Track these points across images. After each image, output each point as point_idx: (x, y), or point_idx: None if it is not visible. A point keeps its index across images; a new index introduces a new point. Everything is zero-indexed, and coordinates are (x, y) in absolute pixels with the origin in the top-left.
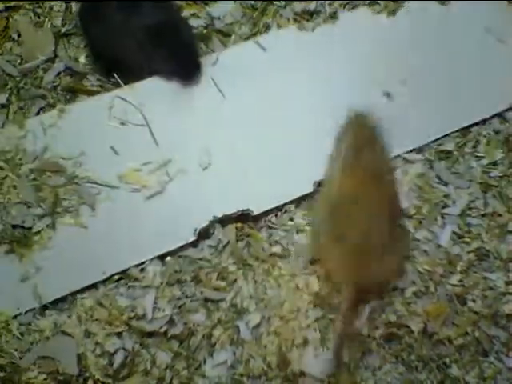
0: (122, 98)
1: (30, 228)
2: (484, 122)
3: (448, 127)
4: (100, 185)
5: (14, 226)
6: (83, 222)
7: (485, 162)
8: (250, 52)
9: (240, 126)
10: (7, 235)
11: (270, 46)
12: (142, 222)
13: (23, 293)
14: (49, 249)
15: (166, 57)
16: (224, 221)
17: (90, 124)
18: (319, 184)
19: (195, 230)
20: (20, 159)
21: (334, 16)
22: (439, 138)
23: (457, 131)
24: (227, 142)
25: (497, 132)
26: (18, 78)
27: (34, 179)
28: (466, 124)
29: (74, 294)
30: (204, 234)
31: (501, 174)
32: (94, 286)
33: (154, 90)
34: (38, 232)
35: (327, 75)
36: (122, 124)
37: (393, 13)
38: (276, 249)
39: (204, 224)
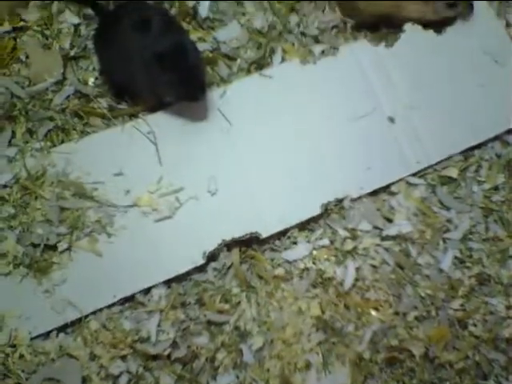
0: (136, 129)
1: (52, 246)
2: (486, 145)
3: (449, 150)
4: (114, 207)
5: (36, 246)
6: (98, 245)
7: (486, 186)
8: (255, 84)
9: (246, 152)
10: (28, 257)
11: (275, 78)
12: (152, 246)
13: (37, 316)
14: (66, 271)
15: (174, 80)
16: (229, 244)
17: (106, 152)
18: (326, 208)
19: (204, 254)
20: (43, 182)
21: (335, 47)
22: (441, 162)
23: (459, 154)
24: (234, 169)
25: (499, 156)
26: (26, 100)
27: (57, 200)
28: (466, 147)
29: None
30: (212, 257)
31: (502, 199)
32: (99, 309)
33: (165, 122)
34: (59, 252)
35: (331, 103)
36: (136, 152)
37: (391, 44)
38: (279, 271)
39: (212, 248)
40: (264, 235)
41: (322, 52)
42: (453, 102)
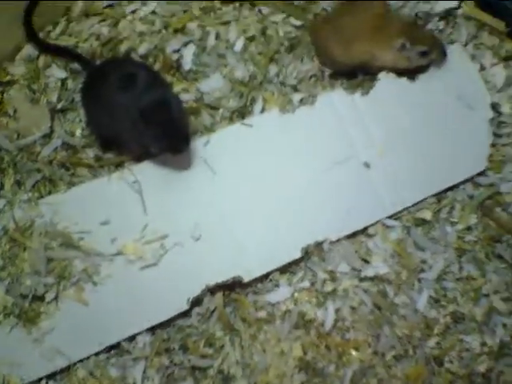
0: (122, 179)
1: (40, 297)
2: (458, 187)
3: (423, 193)
4: (100, 256)
5: (24, 296)
6: (85, 294)
7: (459, 227)
8: (236, 133)
9: (229, 199)
10: (17, 307)
11: (255, 127)
12: (138, 293)
13: (28, 363)
14: (53, 320)
15: (158, 134)
16: (212, 288)
17: (93, 202)
18: (306, 251)
19: (188, 300)
20: (31, 233)
21: (313, 95)
22: (416, 204)
23: (433, 196)
24: (217, 215)
25: (471, 197)
26: (14, 153)
27: (44, 251)
28: (440, 189)
29: None
30: (196, 302)
31: (475, 239)
32: (86, 357)
33: (150, 171)
34: (46, 302)
35: (309, 150)
36: (122, 201)
37: (366, 92)
38: (262, 314)
39: (196, 293)
40: (247, 279)
41: (301, 100)
42: (426, 146)
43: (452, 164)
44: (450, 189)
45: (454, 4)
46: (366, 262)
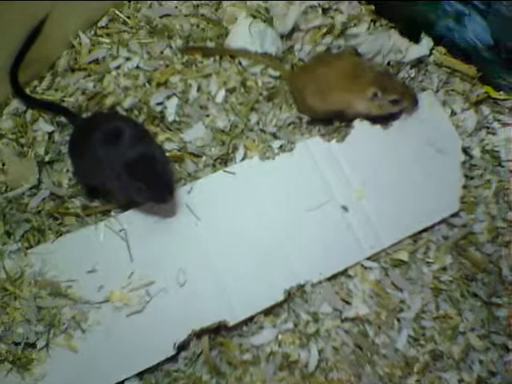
0: (109, 227)
1: (32, 344)
2: (433, 228)
3: (400, 235)
4: (88, 304)
5: (17, 344)
6: (74, 341)
7: (435, 267)
8: (219, 181)
9: (213, 244)
10: (11, 354)
11: (237, 174)
12: (125, 340)
13: None
14: (45, 366)
15: (142, 185)
16: (198, 332)
17: (80, 250)
18: (289, 293)
19: (174, 345)
20: (22, 282)
21: (292, 142)
22: (392, 245)
23: (409, 237)
24: (202, 261)
25: (446, 238)
26: (3, 204)
27: (35, 300)
28: (415, 231)
29: None
30: (182, 347)
31: (450, 278)
32: None
33: (136, 219)
34: (38, 349)
35: (289, 196)
36: (108, 249)
37: (342, 138)
38: (247, 356)
39: (182, 338)
40: (232, 323)
41: (280, 147)
42: (401, 190)
43: (426, 206)
44: (425, 230)
45: (425, 51)
46: (347, 302)
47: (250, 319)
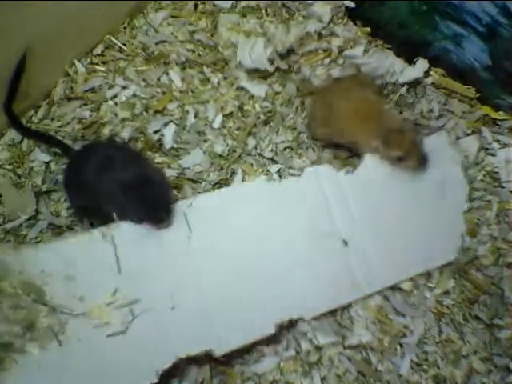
0: (99, 236)
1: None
2: None
3: (398, 277)
4: (67, 314)
5: None
6: (47, 353)
7: (437, 291)
8: (221, 198)
9: (205, 270)
10: None
11: (241, 194)
12: (103, 362)
13: None
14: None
15: (139, 208)
16: (201, 359)
17: (67, 256)
18: (280, 327)
19: (157, 373)
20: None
21: (290, 167)
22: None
23: None
24: (192, 285)
25: (449, 263)
26: (1, 236)
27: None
28: (414, 273)
29: None
30: (167, 374)
31: (453, 302)
32: None
33: (127, 231)
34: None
35: (291, 221)
36: (95, 258)
37: (352, 170)
38: None
39: (166, 366)
40: (218, 353)
41: (278, 171)
42: (403, 232)
43: (426, 251)
44: None
45: (420, 74)
46: (349, 330)
47: (253, 346)
